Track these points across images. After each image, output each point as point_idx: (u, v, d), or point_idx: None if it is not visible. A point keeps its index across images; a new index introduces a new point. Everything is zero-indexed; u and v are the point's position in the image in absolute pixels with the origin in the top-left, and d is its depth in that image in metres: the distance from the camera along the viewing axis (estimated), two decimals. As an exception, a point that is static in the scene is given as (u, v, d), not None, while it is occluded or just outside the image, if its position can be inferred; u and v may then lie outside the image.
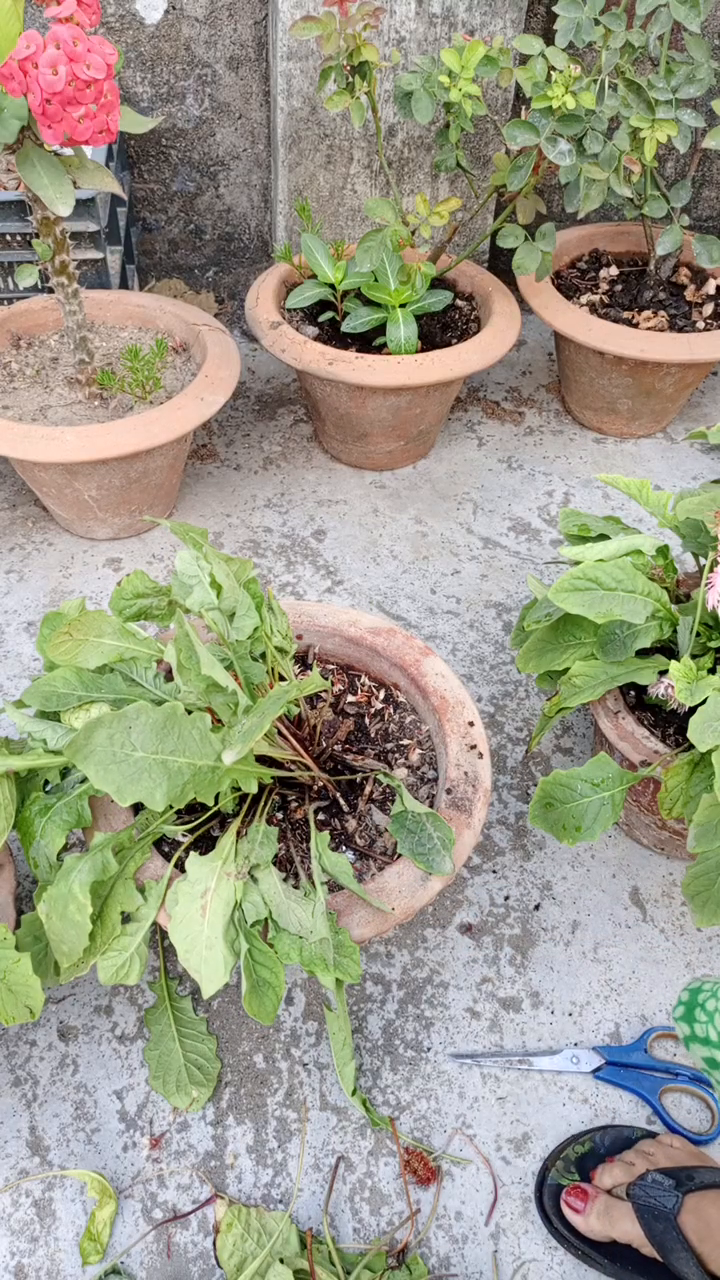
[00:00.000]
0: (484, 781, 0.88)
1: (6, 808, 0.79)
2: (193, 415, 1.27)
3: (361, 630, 1.01)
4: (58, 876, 0.75)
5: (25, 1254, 0.82)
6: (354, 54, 1.27)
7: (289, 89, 1.52)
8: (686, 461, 1.64)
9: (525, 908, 1.05)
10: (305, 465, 1.59)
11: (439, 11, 1.49)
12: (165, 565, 1.41)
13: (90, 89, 0.96)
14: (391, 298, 1.41)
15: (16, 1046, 0.93)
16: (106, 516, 1.38)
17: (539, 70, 1.25)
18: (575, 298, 1.61)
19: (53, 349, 1.44)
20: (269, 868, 0.80)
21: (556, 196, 1.86)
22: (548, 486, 1.57)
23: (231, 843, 0.81)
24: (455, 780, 0.88)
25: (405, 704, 1.00)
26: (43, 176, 1.04)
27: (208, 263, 1.92)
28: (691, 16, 1.27)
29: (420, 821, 0.83)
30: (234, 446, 1.62)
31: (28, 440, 1.22)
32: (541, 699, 1.25)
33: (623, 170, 1.32)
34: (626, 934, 1.03)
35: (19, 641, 1.29)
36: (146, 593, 0.88)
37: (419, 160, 1.64)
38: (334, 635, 1.02)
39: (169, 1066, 0.89)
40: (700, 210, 1.96)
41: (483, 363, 1.39)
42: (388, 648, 1.00)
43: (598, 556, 0.92)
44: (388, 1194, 0.86)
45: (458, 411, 1.71)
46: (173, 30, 1.61)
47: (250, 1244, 0.81)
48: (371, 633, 1.01)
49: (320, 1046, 0.94)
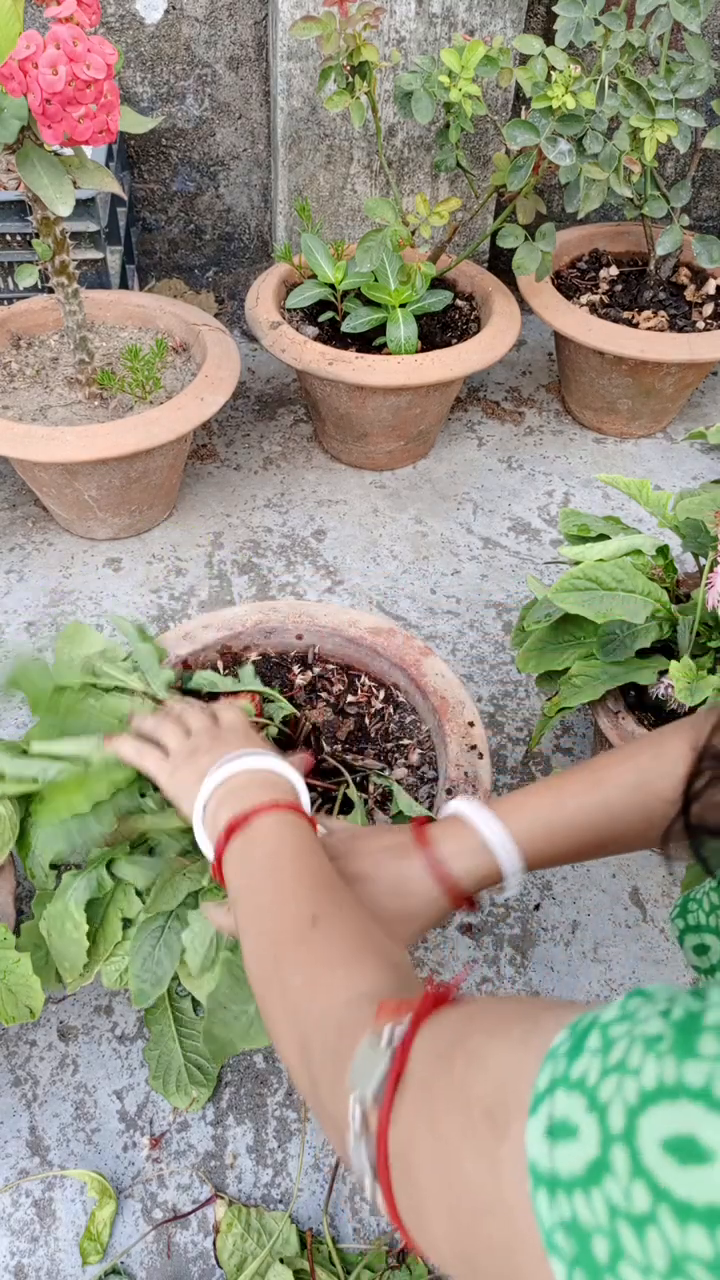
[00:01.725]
0: (484, 782, 0.87)
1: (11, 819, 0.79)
2: (193, 415, 1.27)
3: (361, 630, 1.01)
4: (56, 894, 0.76)
5: (25, 1254, 0.82)
6: (354, 54, 1.27)
7: (289, 89, 1.52)
8: (686, 461, 1.64)
9: (525, 908, 1.05)
10: (305, 465, 1.59)
11: (439, 11, 1.49)
12: (165, 565, 1.41)
13: (90, 89, 0.96)
14: (391, 298, 1.41)
15: (16, 1046, 0.93)
16: (106, 516, 1.38)
17: (539, 70, 1.25)
18: (575, 298, 1.61)
19: (53, 349, 1.44)
20: None
21: (556, 196, 1.86)
22: (548, 486, 1.57)
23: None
24: (455, 780, 0.88)
25: (405, 704, 1.00)
26: (43, 176, 1.04)
27: (208, 263, 1.92)
28: (691, 16, 1.27)
29: None
30: (234, 446, 1.62)
31: (28, 440, 1.21)
32: (541, 699, 1.25)
33: (623, 170, 1.32)
34: (626, 934, 1.03)
35: (18, 641, 1.29)
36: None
37: (419, 160, 1.64)
38: (334, 635, 1.02)
39: (169, 1066, 0.89)
40: (700, 210, 1.96)
41: (483, 362, 1.39)
42: (388, 648, 1.00)
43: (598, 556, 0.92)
44: (388, 1194, 0.86)
45: (458, 411, 1.71)
46: (173, 30, 1.61)
47: (250, 1244, 0.81)
48: (371, 633, 1.01)
49: (320, 1046, 0.94)
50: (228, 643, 1.00)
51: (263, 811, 0.60)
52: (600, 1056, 0.28)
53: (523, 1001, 0.38)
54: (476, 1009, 0.39)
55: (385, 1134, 0.37)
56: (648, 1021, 0.28)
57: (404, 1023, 0.39)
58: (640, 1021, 0.28)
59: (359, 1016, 0.43)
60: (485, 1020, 0.37)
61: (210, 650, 0.99)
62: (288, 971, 0.50)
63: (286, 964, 0.50)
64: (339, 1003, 0.45)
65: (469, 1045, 0.35)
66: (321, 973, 0.48)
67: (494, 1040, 0.34)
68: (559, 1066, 0.29)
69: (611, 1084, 0.27)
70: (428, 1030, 0.38)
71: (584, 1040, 0.29)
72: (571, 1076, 0.29)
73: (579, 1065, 0.29)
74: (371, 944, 0.50)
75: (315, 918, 0.52)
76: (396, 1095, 0.37)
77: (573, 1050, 0.30)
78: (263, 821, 0.59)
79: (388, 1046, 0.39)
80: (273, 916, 0.54)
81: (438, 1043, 0.37)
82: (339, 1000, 0.45)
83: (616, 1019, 0.29)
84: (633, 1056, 0.27)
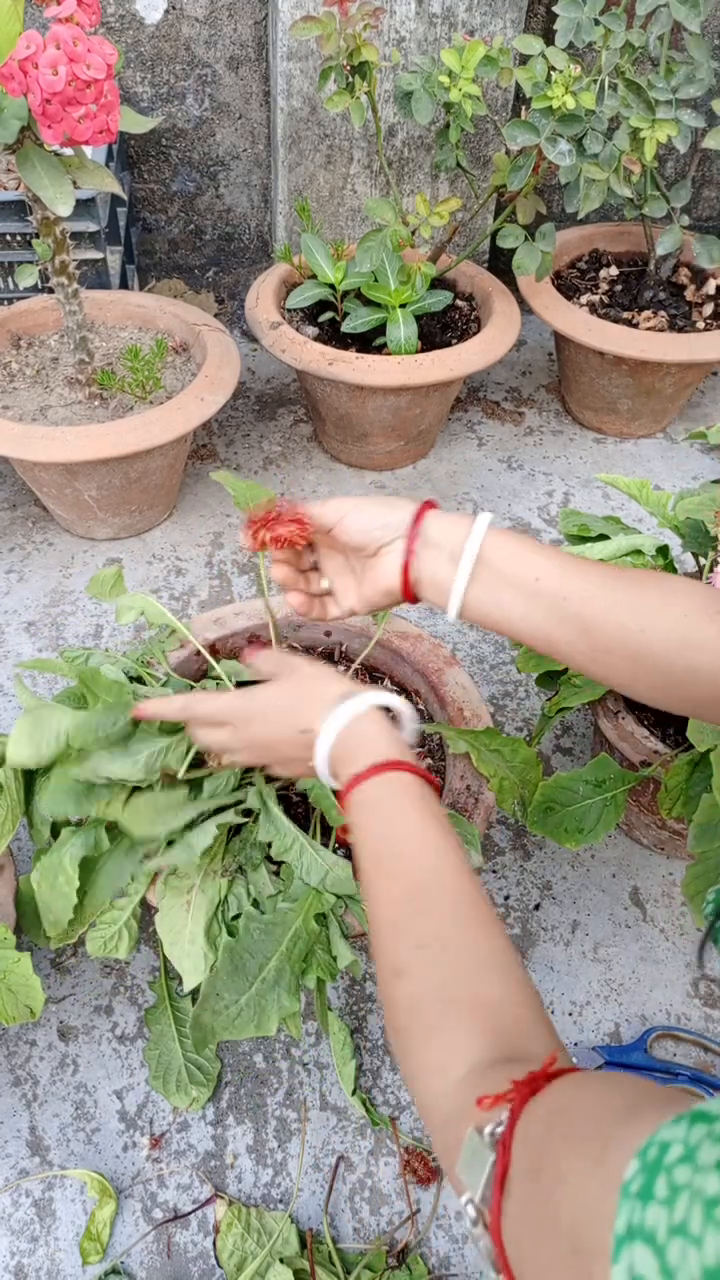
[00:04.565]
0: (486, 799, 0.87)
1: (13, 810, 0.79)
2: (193, 415, 1.27)
3: (389, 633, 1.01)
4: (53, 848, 0.76)
5: (25, 1254, 0.82)
6: (354, 54, 1.27)
7: (289, 89, 1.52)
8: (686, 461, 1.64)
9: (525, 908, 1.05)
10: (305, 465, 1.59)
11: (439, 11, 1.49)
12: (165, 565, 1.41)
13: (90, 89, 0.96)
14: (391, 298, 1.41)
15: (16, 1046, 0.93)
16: (106, 516, 1.38)
17: (539, 70, 1.25)
18: (575, 298, 1.61)
19: (53, 349, 1.44)
20: (261, 867, 0.80)
21: (556, 196, 1.86)
22: (548, 486, 1.57)
23: (221, 841, 0.81)
24: (458, 792, 0.88)
25: (424, 711, 1.00)
26: (43, 176, 1.04)
27: (208, 263, 1.92)
28: (691, 16, 1.27)
29: None
30: (234, 446, 1.62)
31: (28, 440, 1.21)
32: (541, 699, 1.25)
33: (623, 170, 1.32)
34: (626, 934, 1.03)
35: (19, 641, 1.29)
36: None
37: (419, 160, 1.64)
38: (361, 635, 1.02)
39: (169, 1066, 0.89)
40: (700, 210, 1.96)
41: (483, 363, 1.39)
42: (413, 653, 0.99)
43: (598, 556, 0.92)
44: (388, 1194, 0.86)
45: (458, 411, 1.71)
46: (173, 30, 1.61)
47: (250, 1244, 0.81)
48: (399, 636, 1.01)
49: (320, 1046, 0.94)
50: (257, 631, 1.00)
51: (378, 773, 0.58)
52: (666, 1210, 0.29)
53: (599, 1097, 0.38)
54: (562, 1103, 0.38)
55: (499, 1232, 0.37)
56: (707, 1175, 0.28)
57: (502, 1120, 0.39)
58: (701, 1169, 0.29)
59: (460, 1107, 0.43)
60: (566, 1124, 0.37)
61: (239, 637, 0.99)
62: (396, 1019, 0.50)
63: (391, 1009, 0.50)
64: (438, 1092, 0.45)
65: (553, 1154, 0.36)
66: (418, 1048, 0.48)
67: (572, 1156, 0.35)
68: (635, 1212, 0.30)
69: (677, 1249, 0.28)
70: (523, 1127, 0.38)
71: (652, 1184, 0.30)
72: (646, 1226, 0.29)
73: (651, 1214, 0.29)
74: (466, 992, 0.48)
75: (397, 970, 0.50)
76: (504, 1194, 0.37)
77: (643, 1192, 0.30)
78: (375, 788, 0.58)
79: (489, 1144, 0.39)
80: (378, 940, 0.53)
81: (531, 1145, 0.38)
82: (437, 1090, 0.45)
83: (680, 1160, 0.30)
84: (693, 1220, 0.28)
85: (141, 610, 0.89)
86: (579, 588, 0.58)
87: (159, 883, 0.79)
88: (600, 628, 0.58)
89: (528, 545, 0.61)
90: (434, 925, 0.51)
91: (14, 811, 0.80)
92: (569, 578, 0.59)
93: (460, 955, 0.50)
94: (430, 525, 0.62)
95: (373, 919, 0.54)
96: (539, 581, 0.59)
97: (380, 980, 0.52)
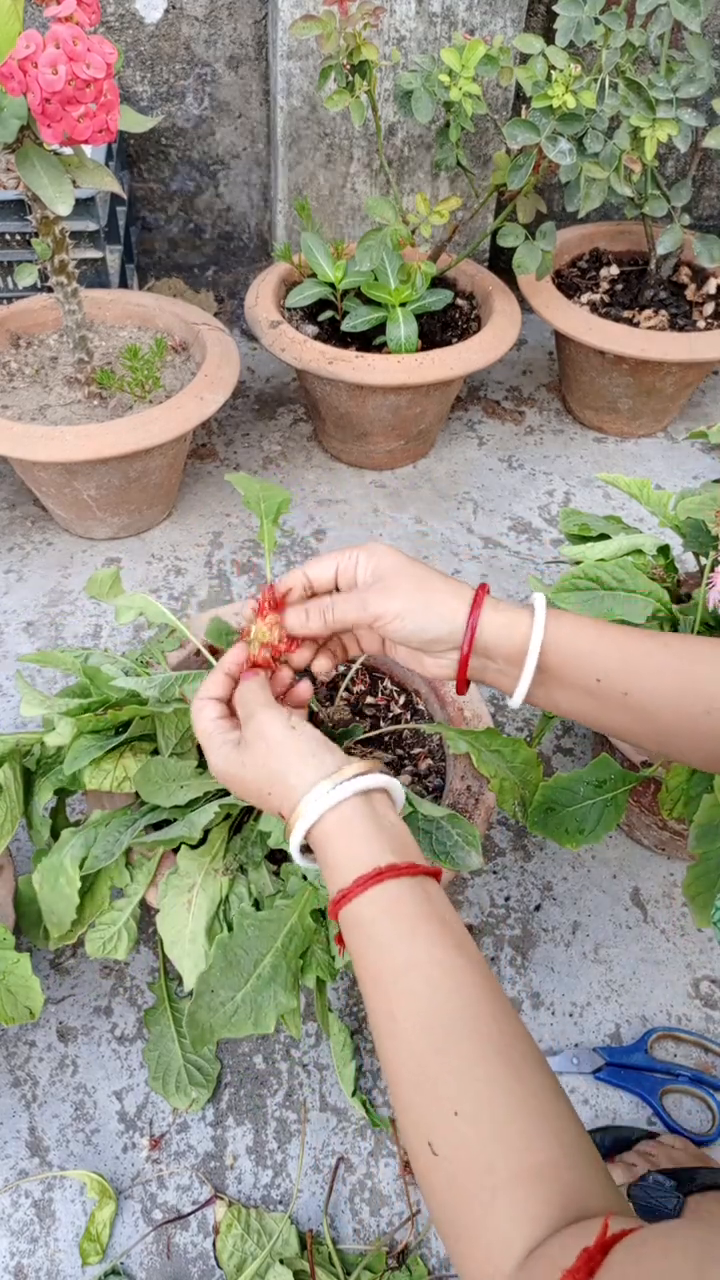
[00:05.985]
0: (487, 799, 0.87)
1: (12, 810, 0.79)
2: (192, 414, 1.27)
3: None
4: (54, 849, 0.76)
5: (25, 1254, 0.81)
6: (354, 53, 1.26)
7: (289, 88, 1.52)
8: (687, 461, 1.64)
9: (525, 908, 1.05)
10: (305, 465, 1.59)
11: (439, 10, 1.48)
12: (164, 565, 1.41)
13: (90, 88, 0.96)
14: (391, 297, 1.41)
15: (16, 1047, 0.93)
16: (106, 516, 1.38)
17: (539, 69, 1.25)
18: (576, 297, 1.61)
19: (52, 348, 1.44)
20: (262, 865, 0.80)
21: (557, 195, 1.86)
22: (548, 486, 1.57)
23: (222, 839, 0.81)
24: (458, 793, 0.88)
25: (424, 712, 1.00)
26: (42, 176, 1.04)
27: (207, 262, 1.91)
28: (691, 16, 1.27)
29: (435, 823, 0.83)
30: (234, 446, 1.62)
31: (27, 440, 1.21)
32: (542, 699, 1.25)
33: (623, 169, 1.32)
34: (627, 934, 1.03)
35: (18, 641, 1.29)
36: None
37: (419, 159, 1.63)
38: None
39: (169, 1067, 0.89)
40: (701, 209, 1.96)
41: (483, 362, 1.39)
42: None
43: (599, 556, 0.92)
44: (388, 1194, 0.86)
45: (458, 411, 1.71)
46: (172, 29, 1.60)
47: (250, 1245, 0.81)
48: None
49: (320, 1047, 0.94)
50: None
51: (364, 888, 0.51)
52: None
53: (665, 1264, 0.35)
54: (627, 1276, 0.36)
55: None
56: None
57: None
58: None
59: None
60: None
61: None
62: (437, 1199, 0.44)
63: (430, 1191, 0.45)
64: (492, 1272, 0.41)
65: None
66: (466, 1236, 0.42)
67: None
68: None
69: None
70: None
71: None
72: None
73: None
74: (515, 1165, 0.42)
75: (431, 1144, 0.44)
76: None
77: None
78: (365, 907, 0.51)
79: None
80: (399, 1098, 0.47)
81: None
82: (491, 1276, 0.41)
83: None
84: None
85: (141, 610, 0.89)
86: (640, 683, 0.57)
87: (160, 882, 0.78)
88: (662, 715, 0.57)
89: (587, 639, 0.59)
90: (464, 1083, 0.45)
91: (14, 812, 0.80)
92: (631, 672, 0.58)
93: (501, 1116, 0.44)
94: (485, 632, 0.60)
95: (387, 1066, 0.48)
96: (600, 683, 0.58)
97: (411, 1151, 0.46)
